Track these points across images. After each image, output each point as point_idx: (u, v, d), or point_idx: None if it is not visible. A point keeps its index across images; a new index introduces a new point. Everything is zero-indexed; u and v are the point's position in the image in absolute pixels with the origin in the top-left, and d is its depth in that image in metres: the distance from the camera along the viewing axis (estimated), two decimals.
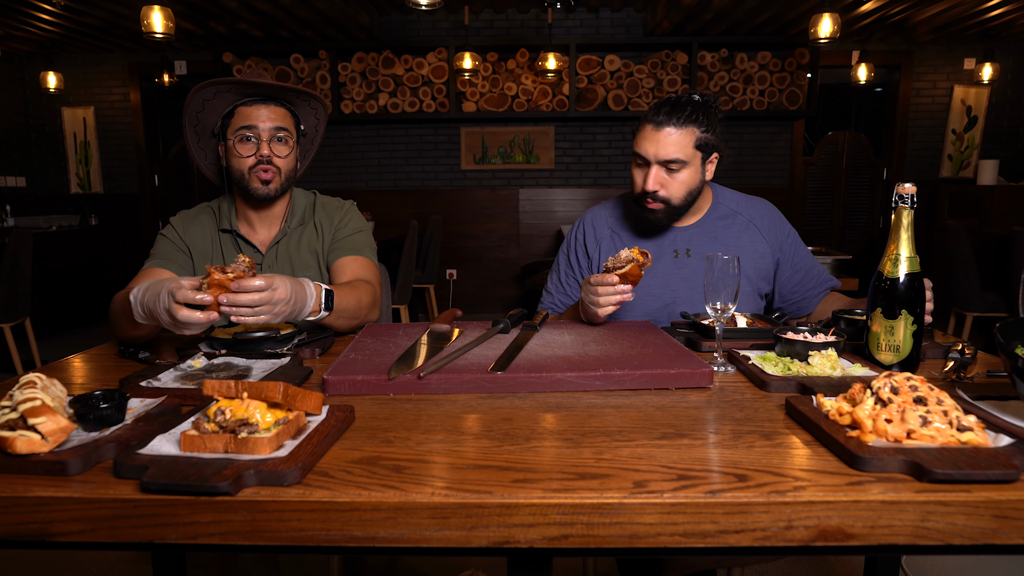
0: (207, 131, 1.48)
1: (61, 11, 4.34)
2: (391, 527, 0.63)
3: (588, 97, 5.13)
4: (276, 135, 1.42)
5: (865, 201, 5.85)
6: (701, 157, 1.43)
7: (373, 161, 5.58)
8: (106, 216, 5.64)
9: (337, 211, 1.57)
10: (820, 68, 5.19)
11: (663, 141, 1.39)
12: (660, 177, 1.42)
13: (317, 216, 1.55)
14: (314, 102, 1.50)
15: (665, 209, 1.45)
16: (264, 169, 1.41)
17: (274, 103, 1.44)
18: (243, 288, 1.02)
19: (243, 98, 1.43)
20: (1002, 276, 4.08)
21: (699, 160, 1.43)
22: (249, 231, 1.52)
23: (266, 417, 0.73)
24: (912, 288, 1.02)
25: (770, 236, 1.55)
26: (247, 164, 1.41)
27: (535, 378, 0.97)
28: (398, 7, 5.04)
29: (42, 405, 0.71)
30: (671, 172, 1.41)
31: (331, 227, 1.54)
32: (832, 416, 0.78)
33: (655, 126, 1.40)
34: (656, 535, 0.63)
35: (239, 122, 1.41)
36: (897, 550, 0.64)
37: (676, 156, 1.39)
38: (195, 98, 1.41)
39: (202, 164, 1.53)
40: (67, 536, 0.65)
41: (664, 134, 1.39)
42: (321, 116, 1.56)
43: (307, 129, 1.54)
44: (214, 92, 1.40)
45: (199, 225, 1.52)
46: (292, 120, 1.47)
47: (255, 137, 1.41)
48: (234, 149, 1.42)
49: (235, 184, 1.46)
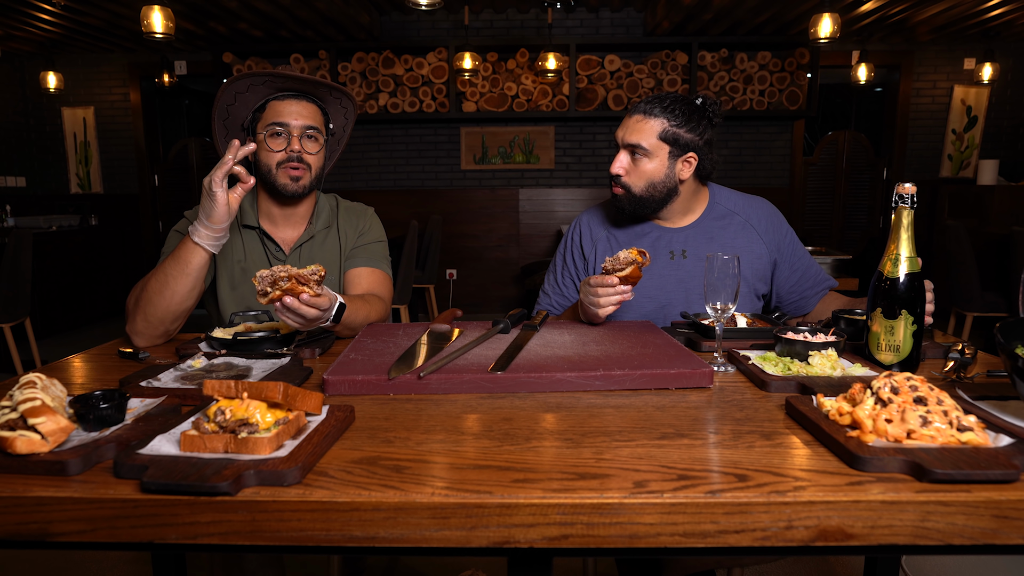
0: (236, 124, 1.47)
1: (61, 11, 4.34)
2: (391, 527, 0.63)
3: (588, 97, 5.13)
4: (307, 132, 1.42)
5: (865, 201, 5.85)
6: (669, 151, 1.42)
7: (373, 161, 5.58)
8: (106, 216, 5.64)
9: (361, 217, 1.58)
10: (820, 68, 5.19)
11: (631, 126, 1.43)
12: (626, 162, 1.44)
13: (340, 220, 1.55)
14: (345, 100, 1.50)
15: (626, 195, 1.46)
16: (294, 166, 1.41)
17: (306, 99, 1.43)
18: (315, 304, 1.11)
19: (276, 92, 1.42)
20: (1002, 276, 4.08)
21: (665, 153, 1.42)
22: (272, 229, 1.51)
23: (266, 417, 0.73)
24: (912, 288, 1.02)
25: (767, 236, 1.54)
26: (276, 159, 1.41)
27: (535, 378, 0.97)
28: (398, 7, 5.04)
29: (42, 405, 0.71)
30: (635, 159, 1.43)
31: (355, 232, 1.56)
32: (832, 416, 0.78)
33: (630, 113, 1.45)
34: (656, 535, 0.63)
35: (271, 117, 1.40)
36: (897, 550, 0.64)
37: (637, 142, 1.41)
38: (227, 91, 1.40)
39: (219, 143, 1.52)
40: (67, 536, 0.65)
41: (633, 120, 1.43)
42: (350, 115, 1.56)
43: (335, 128, 1.54)
44: (247, 85, 1.39)
45: None
46: (322, 118, 1.47)
47: (286, 133, 1.40)
48: (264, 144, 1.41)
49: (262, 180, 1.44)
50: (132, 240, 5.87)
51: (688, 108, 1.42)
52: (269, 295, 1.07)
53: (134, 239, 5.88)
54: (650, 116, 1.41)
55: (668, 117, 1.40)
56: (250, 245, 1.49)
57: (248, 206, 1.49)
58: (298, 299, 1.09)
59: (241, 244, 1.49)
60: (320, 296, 1.11)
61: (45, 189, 5.83)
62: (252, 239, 1.50)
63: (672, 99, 1.42)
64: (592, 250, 1.59)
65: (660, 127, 1.40)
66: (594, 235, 1.60)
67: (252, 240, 1.50)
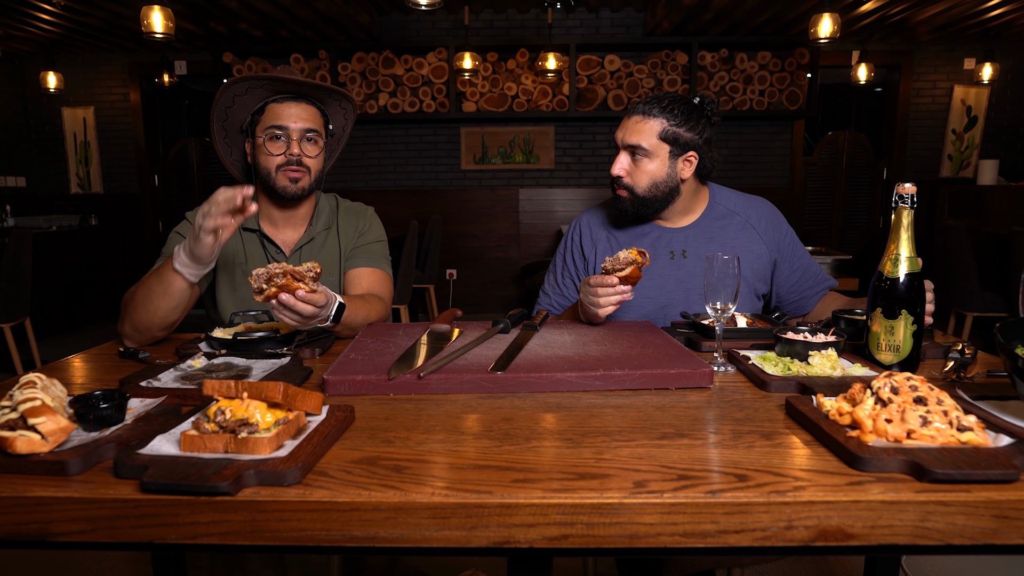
0: (235, 127, 1.47)
1: (61, 11, 4.34)
2: (391, 527, 0.63)
3: (588, 97, 5.13)
4: (306, 135, 1.42)
5: (865, 201, 5.85)
6: (670, 151, 1.43)
7: (373, 161, 5.58)
8: (106, 216, 5.64)
9: (360, 217, 1.58)
10: (820, 68, 5.19)
11: (630, 127, 1.44)
12: (626, 163, 1.45)
13: (340, 220, 1.55)
14: (344, 102, 1.51)
15: (630, 198, 1.47)
16: (294, 169, 1.41)
17: (305, 102, 1.43)
18: (311, 300, 1.10)
19: (275, 95, 1.42)
20: (1002, 276, 4.08)
21: (666, 153, 1.43)
22: (273, 231, 1.51)
23: (266, 417, 0.73)
24: (912, 288, 1.02)
25: (767, 236, 1.55)
26: (276, 162, 1.41)
27: (535, 378, 0.97)
28: (398, 7, 5.04)
29: (42, 405, 0.71)
30: (636, 160, 1.44)
31: (355, 232, 1.55)
32: (832, 416, 0.78)
33: (629, 114, 1.46)
34: (656, 535, 0.63)
35: (270, 120, 1.40)
36: (897, 550, 0.64)
37: (637, 142, 1.42)
38: (225, 93, 1.40)
39: (227, 160, 1.52)
40: (67, 536, 0.65)
41: (632, 121, 1.44)
42: (350, 116, 1.56)
43: (335, 129, 1.55)
44: (246, 88, 1.39)
45: None
46: (322, 120, 1.47)
47: (285, 136, 1.40)
48: (263, 147, 1.40)
49: (261, 182, 1.44)
50: (132, 240, 5.87)
51: (687, 107, 1.43)
52: (265, 292, 1.07)
53: (134, 239, 5.88)
54: (649, 116, 1.42)
55: (667, 117, 1.41)
56: (250, 247, 1.49)
57: None
58: (294, 295, 1.08)
59: (241, 247, 1.48)
60: (316, 293, 1.10)
61: (45, 189, 5.83)
62: (252, 241, 1.49)
63: (670, 99, 1.43)
64: (592, 250, 1.59)
65: (660, 127, 1.41)
66: (594, 235, 1.60)
67: (252, 242, 1.49)
